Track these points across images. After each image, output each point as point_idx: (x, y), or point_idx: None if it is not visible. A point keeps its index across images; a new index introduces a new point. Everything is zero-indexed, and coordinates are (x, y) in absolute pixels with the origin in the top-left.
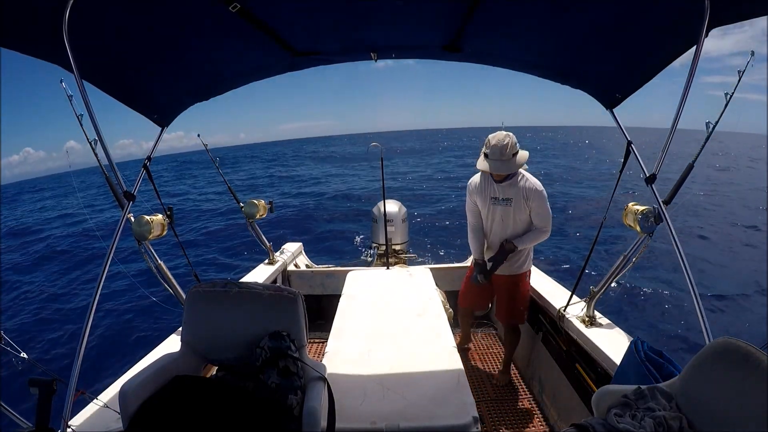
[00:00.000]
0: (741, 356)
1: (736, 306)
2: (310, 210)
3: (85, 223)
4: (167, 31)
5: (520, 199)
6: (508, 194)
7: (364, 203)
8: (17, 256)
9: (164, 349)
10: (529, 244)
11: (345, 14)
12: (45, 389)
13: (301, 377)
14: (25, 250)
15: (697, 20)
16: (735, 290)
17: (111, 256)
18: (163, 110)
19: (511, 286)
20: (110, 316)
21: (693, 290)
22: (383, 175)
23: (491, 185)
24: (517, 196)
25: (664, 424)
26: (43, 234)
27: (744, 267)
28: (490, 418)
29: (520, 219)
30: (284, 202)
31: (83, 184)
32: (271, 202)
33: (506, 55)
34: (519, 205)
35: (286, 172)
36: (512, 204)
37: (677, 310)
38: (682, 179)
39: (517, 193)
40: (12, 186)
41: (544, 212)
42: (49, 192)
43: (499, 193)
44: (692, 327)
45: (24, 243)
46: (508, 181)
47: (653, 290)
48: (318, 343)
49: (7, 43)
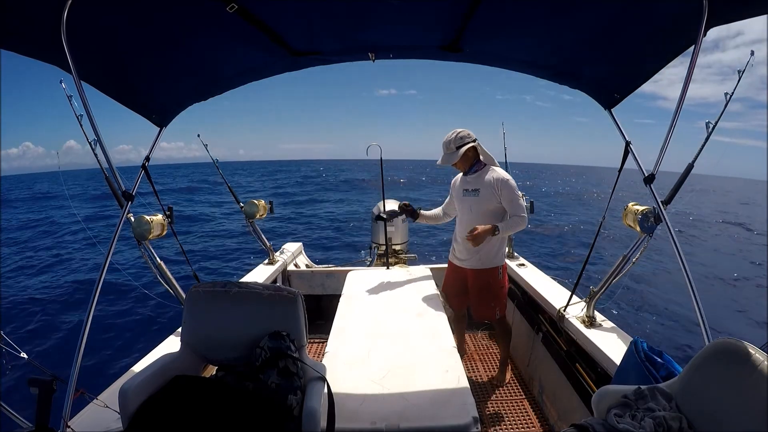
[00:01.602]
0: (741, 356)
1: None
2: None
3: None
4: (165, 32)
5: (487, 190)
6: (475, 185)
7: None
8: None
9: (164, 349)
10: (509, 231)
11: (343, 14)
12: (45, 389)
13: (300, 377)
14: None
15: (696, 20)
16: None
17: (110, 256)
18: (162, 110)
19: (481, 281)
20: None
21: (693, 290)
22: (383, 175)
23: (463, 179)
24: (485, 187)
25: (664, 425)
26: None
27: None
28: (490, 418)
29: (487, 209)
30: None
31: (74, 185)
32: (271, 202)
33: (505, 56)
34: (486, 195)
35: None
36: (479, 194)
37: (677, 311)
38: (681, 180)
39: (485, 184)
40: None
41: (515, 199)
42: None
43: (468, 185)
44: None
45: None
46: (474, 174)
47: (653, 290)
48: (318, 343)
49: (5, 44)
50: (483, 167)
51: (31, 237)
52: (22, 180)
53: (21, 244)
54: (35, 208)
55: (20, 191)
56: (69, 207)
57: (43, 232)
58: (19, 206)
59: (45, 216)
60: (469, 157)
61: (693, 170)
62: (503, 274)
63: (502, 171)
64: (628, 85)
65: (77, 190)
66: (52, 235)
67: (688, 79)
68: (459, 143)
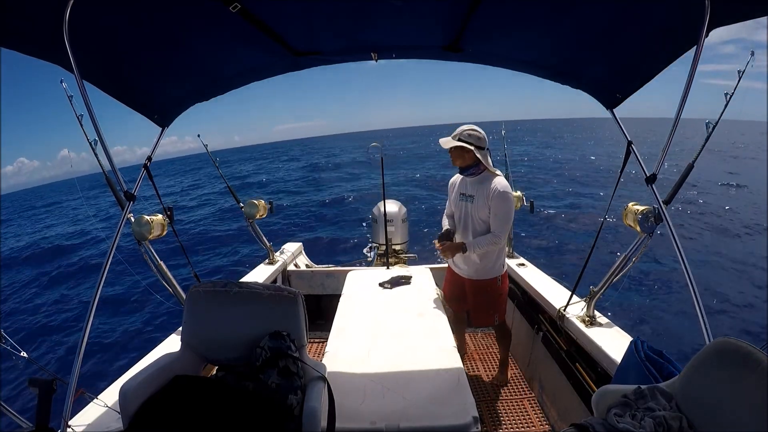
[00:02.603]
0: (741, 356)
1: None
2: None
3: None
4: (168, 32)
5: (482, 198)
6: (471, 191)
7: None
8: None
9: (164, 349)
10: (478, 249)
11: (346, 14)
12: (45, 389)
13: (301, 377)
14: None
15: (698, 20)
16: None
17: (111, 255)
18: (164, 110)
19: (479, 291)
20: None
21: (693, 290)
22: (383, 175)
23: (463, 182)
24: (480, 194)
25: (664, 424)
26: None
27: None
28: (490, 418)
29: (479, 218)
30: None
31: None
32: (271, 202)
33: (507, 56)
34: (480, 203)
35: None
36: (474, 201)
37: (677, 310)
38: (681, 179)
39: (481, 191)
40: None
41: (501, 214)
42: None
43: (466, 189)
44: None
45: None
46: (472, 177)
47: (653, 290)
48: (318, 343)
49: (7, 43)
50: (481, 172)
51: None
52: (27, 196)
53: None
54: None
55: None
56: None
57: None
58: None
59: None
60: (466, 158)
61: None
62: (503, 282)
63: (502, 182)
64: (629, 86)
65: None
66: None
67: (689, 80)
68: (465, 138)
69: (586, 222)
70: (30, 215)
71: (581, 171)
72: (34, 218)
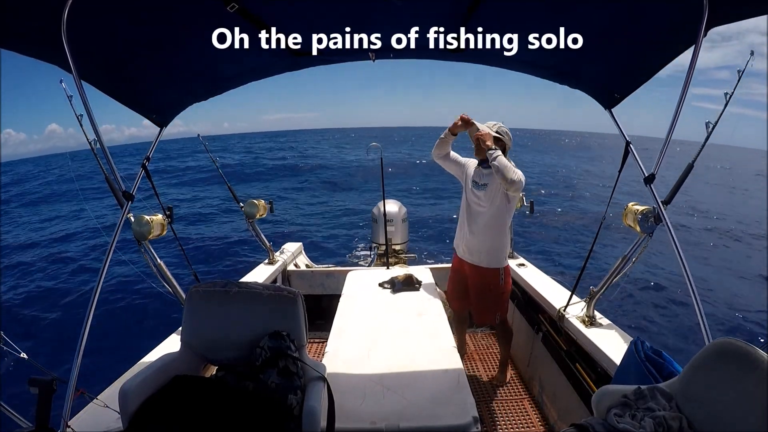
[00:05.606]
0: (741, 356)
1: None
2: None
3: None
4: (166, 31)
5: (495, 185)
6: (486, 180)
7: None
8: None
9: (164, 349)
10: (504, 164)
11: (344, 14)
12: (45, 389)
13: (300, 377)
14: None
15: (696, 20)
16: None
17: (110, 255)
18: (162, 110)
19: (481, 283)
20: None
21: (693, 290)
22: (383, 175)
23: (477, 171)
24: (494, 182)
25: (664, 424)
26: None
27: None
28: (490, 418)
29: (490, 205)
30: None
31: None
32: (270, 202)
33: (505, 56)
34: (493, 190)
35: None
36: (487, 189)
37: (677, 310)
38: (681, 179)
39: (495, 180)
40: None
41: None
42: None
43: (480, 179)
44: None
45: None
46: (488, 169)
47: (653, 290)
48: (318, 343)
49: (5, 44)
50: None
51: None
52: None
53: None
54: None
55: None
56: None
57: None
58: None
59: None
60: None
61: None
62: (506, 278)
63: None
64: (628, 85)
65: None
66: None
67: (687, 79)
68: (497, 132)
69: (586, 222)
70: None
71: (578, 178)
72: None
